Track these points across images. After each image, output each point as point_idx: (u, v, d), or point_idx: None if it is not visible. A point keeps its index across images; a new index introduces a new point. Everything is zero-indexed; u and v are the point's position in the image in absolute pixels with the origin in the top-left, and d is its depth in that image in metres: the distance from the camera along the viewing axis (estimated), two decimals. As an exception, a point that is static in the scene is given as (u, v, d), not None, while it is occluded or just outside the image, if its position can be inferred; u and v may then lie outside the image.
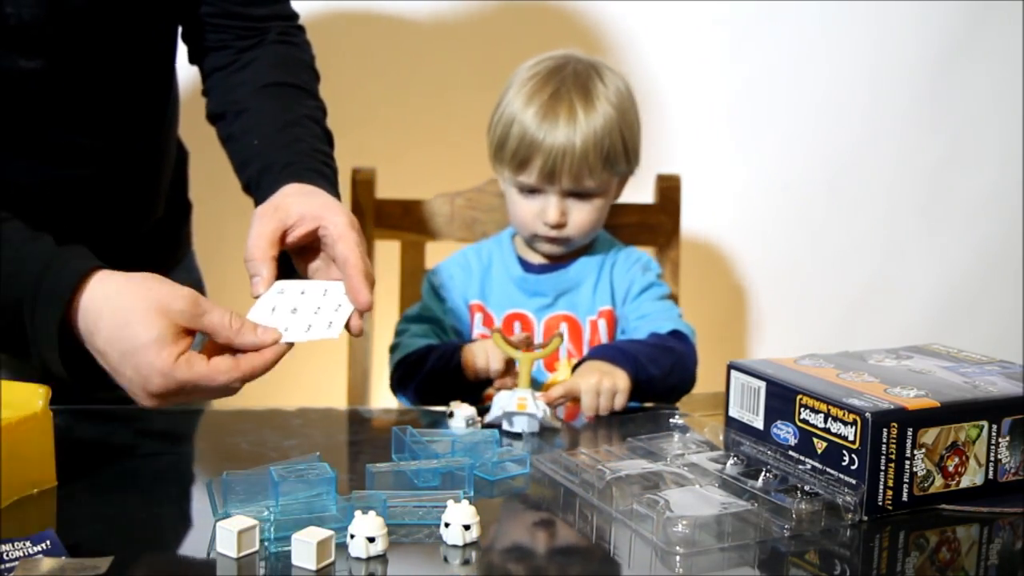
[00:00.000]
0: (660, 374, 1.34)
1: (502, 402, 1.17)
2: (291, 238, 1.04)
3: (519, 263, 1.53)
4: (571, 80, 1.45)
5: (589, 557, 0.92)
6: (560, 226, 1.45)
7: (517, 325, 1.50)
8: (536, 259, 1.53)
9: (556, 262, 1.53)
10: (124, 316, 0.92)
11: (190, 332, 0.94)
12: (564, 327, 1.50)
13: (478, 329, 1.52)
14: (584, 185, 1.44)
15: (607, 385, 1.26)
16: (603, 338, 1.50)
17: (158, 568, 0.86)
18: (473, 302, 1.52)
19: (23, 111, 1.12)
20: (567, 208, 1.45)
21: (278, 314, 0.99)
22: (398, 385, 1.45)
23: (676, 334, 1.43)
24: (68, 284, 0.93)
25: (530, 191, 1.46)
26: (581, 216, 1.46)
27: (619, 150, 1.45)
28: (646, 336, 1.42)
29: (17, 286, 0.93)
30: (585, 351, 1.46)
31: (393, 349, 1.49)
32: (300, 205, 1.05)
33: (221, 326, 0.94)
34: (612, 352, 1.33)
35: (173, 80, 1.32)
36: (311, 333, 0.98)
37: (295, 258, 1.05)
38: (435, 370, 1.38)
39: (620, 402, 1.27)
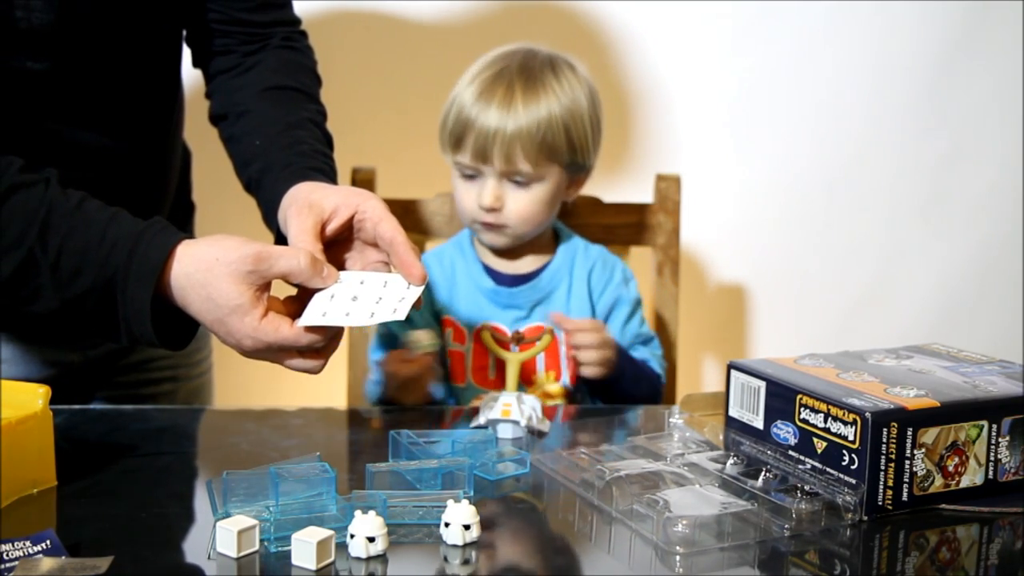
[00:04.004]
0: (629, 389, 1.41)
1: (487, 408, 1.17)
2: (330, 229, 1.05)
3: (485, 272, 1.49)
4: (516, 67, 1.43)
5: (589, 557, 0.92)
6: (495, 210, 1.42)
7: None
8: (502, 266, 1.49)
9: (515, 259, 1.49)
10: (206, 290, 0.95)
11: (269, 285, 0.98)
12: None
13: (449, 346, 1.47)
14: (517, 168, 1.41)
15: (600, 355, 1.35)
16: None
17: (158, 568, 0.86)
18: (444, 317, 1.48)
19: (30, 112, 1.13)
20: (504, 194, 1.42)
21: (337, 301, 0.99)
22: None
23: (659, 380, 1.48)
24: (156, 263, 0.96)
25: (470, 175, 1.44)
26: (518, 204, 1.42)
27: (560, 141, 1.42)
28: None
29: (108, 267, 0.96)
30: (563, 361, 1.45)
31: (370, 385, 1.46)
32: (332, 197, 1.06)
33: (291, 272, 0.97)
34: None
35: (179, 83, 1.33)
36: (375, 318, 0.98)
37: (327, 251, 1.05)
38: (389, 398, 1.38)
39: (592, 359, 1.35)
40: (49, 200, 0.99)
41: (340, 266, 1.07)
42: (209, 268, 0.95)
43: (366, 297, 1.00)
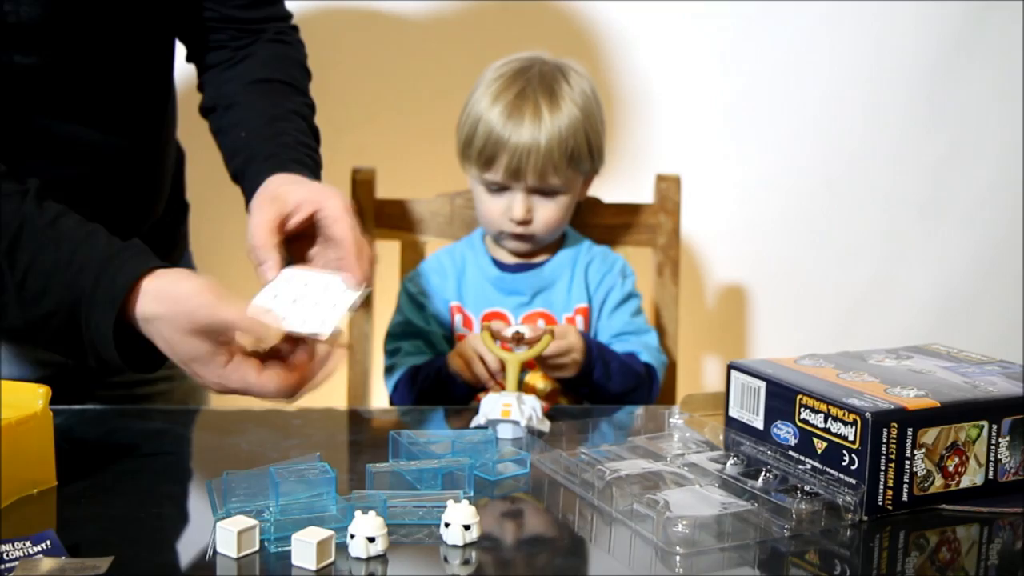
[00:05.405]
0: (614, 390, 1.43)
1: (487, 408, 1.17)
2: (291, 224, 1.06)
3: (493, 263, 1.55)
4: (537, 80, 1.47)
5: (589, 557, 0.92)
6: (526, 223, 1.47)
7: (497, 323, 1.50)
8: (509, 258, 1.55)
9: (528, 259, 1.54)
10: (169, 336, 0.95)
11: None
12: (540, 324, 1.50)
13: (458, 331, 1.52)
14: (549, 183, 1.46)
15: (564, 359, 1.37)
16: None
17: (158, 568, 0.86)
18: (453, 304, 1.53)
19: (19, 106, 1.12)
20: (532, 205, 1.47)
21: (279, 301, 1.00)
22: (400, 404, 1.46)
23: (650, 370, 1.49)
24: (120, 291, 0.94)
25: (497, 189, 1.48)
26: (546, 214, 1.48)
27: (583, 150, 1.47)
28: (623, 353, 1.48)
29: (74, 290, 0.95)
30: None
31: (388, 371, 1.49)
32: (296, 192, 1.07)
33: (243, 328, 0.96)
34: (594, 350, 1.41)
35: (171, 79, 1.33)
36: (305, 327, 0.98)
37: (292, 245, 1.06)
38: (428, 390, 1.40)
39: (559, 362, 1.37)
40: (23, 214, 0.97)
41: (302, 261, 1.08)
42: (165, 318, 0.94)
43: (305, 300, 1.01)
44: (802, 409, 1.00)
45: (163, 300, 0.95)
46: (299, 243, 1.07)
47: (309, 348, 0.98)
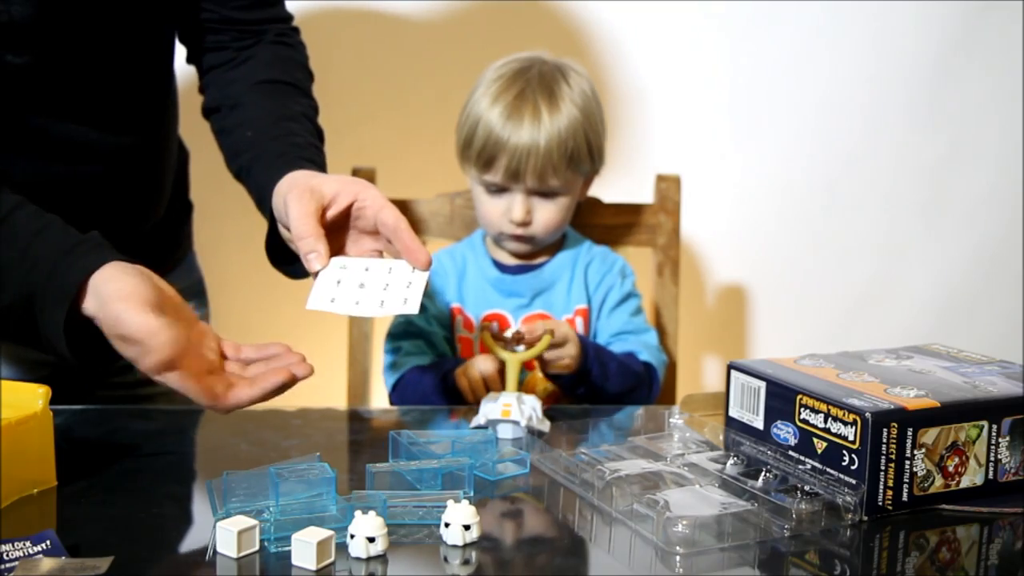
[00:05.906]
0: (612, 390, 1.42)
1: (487, 409, 1.17)
2: (330, 215, 1.05)
3: (493, 264, 1.55)
4: (536, 81, 1.47)
5: (589, 557, 0.92)
6: (525, 224, 1.47)
7: (495, 326, 1.50)
8: (509, 259, 1.55)
9: (529, 260, 1.54)
10: (107, 335, 0.95)
11: None
12: (540, 325, 1.50)
13: (459, 332, 1.53)
14: (548, 184, 1.46)
15: (561, 352, 1.35)
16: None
17: (158, 568, 0.86)
18: (453, 305, 1.53)
19: (14, 106, 1.12)
20: (532, 207, 1.47)
21: (344, 287, 0.98)
22: (400, 403, 1.46)
23: (649, 369, 1.48)
24: (71, 287, 0.94)
25: (496, 190, 1.48)
26: (546, 215, 1.48)
27: (583, 151, 1.47)
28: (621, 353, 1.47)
29: (27, 286, 0.95)
30: None
31: (388, 368, 1.49)
32: (331, 184, 1.06)
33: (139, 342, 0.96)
34: (589, 348, 1.39)
35: (171, 78, 1.33)
36: (385, 308, 0.97)
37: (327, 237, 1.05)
38: (431, 392, 1.41)
39: (556, 355, 1.34)
40: None
41: (339, 253, 1.07)
42: (98, 318, 0.93)
43: (373, 284, 1.00)
44: (802, 409, 1.00)
45: (109, 296, 0.94)
46: (329, 236, 1.05)
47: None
